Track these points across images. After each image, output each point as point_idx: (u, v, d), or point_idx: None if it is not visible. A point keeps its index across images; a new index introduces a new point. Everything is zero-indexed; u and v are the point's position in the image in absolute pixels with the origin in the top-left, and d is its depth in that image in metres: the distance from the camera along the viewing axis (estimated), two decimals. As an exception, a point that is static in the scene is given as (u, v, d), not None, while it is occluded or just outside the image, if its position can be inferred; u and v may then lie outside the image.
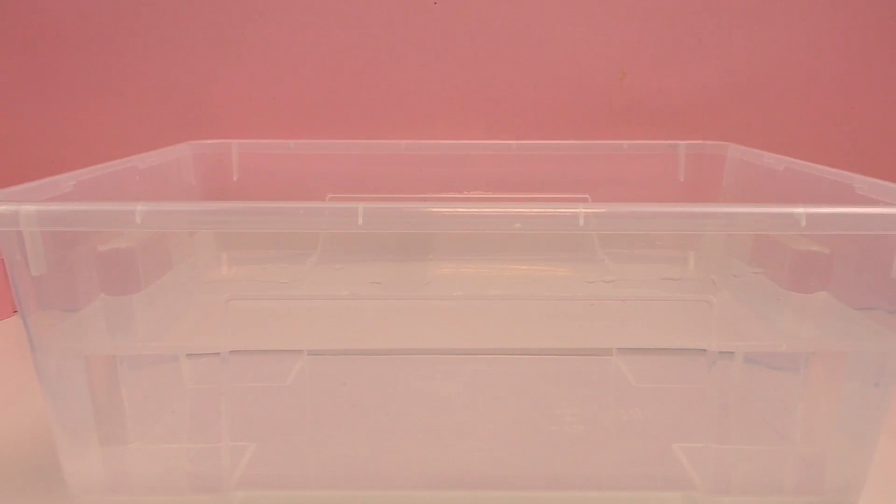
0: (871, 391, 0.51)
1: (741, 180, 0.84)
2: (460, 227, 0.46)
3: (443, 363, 0.66)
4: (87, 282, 0.53)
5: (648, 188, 0.87)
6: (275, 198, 0.50)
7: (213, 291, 0.72)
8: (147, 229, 0.47)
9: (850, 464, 0.53)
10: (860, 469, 0.53)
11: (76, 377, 0.53)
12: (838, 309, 0.54)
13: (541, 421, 0.62)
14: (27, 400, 0.69)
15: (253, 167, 0.91)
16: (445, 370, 0.66)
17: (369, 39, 0.93)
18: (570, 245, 0.82)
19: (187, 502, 0.54)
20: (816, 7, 0.92)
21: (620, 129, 0.94)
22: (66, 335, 0.53)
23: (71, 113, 0.95)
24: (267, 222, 0.49)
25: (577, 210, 0.44)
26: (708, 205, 0.48)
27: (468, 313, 0.59)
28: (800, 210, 0.45)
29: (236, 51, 0.93)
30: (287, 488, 0.55)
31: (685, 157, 0.89)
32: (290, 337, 0.60)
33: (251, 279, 0.71)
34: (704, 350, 0.52)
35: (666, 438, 0.59)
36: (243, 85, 0.94)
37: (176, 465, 0.57)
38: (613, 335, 0.56)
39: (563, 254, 0.82)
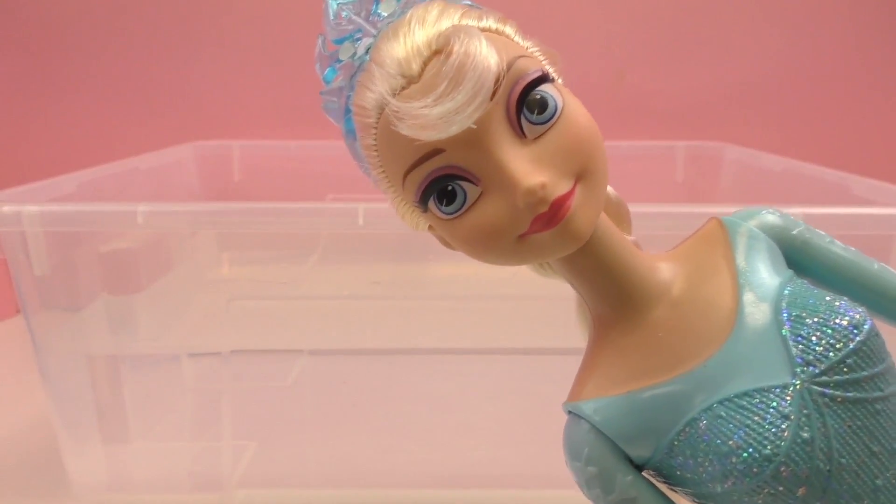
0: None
1: (739, 181, 0.85)
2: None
3: (443, 363, 0.66)
4: (90, 282, 0.53)
5: (647, 188, 0.87)
6: (275, 198, 0.50)
7: (214, 291, 0.72)
8: (149, 230, 0.48)
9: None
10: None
11: (79, 376, 0.53)
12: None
13: (541, 421, 0.62)
14: (30, 399, 0.69)
15: (254, 168, 0.91)
16: (445, 370, 0.66)
17: (369, 41, 0.93)
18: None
19: (189, 501, 0.55)
20: (814, 9, 0.92)
21: (619, 129, 0.94)
22: (69, 335, 0.53)
23: (73, 114, 0.95)
24: (268, 222, 0.49)
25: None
26: (706, 205, 0.48)
27: (468, 313, 0.59)
28: (797, 210, 0.46)
29: (237, 53, 0.93)
30: (288, 487, 0.55)
31: (683, 157, 0.90)
32: (291, 337, 0.61)
33: (252, 279, 0.71)
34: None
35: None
36: (244, 87, 0.94)
37: (178, 464, 0.57)
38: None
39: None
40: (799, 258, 0.27)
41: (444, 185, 0.23)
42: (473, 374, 0.66)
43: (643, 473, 0.25)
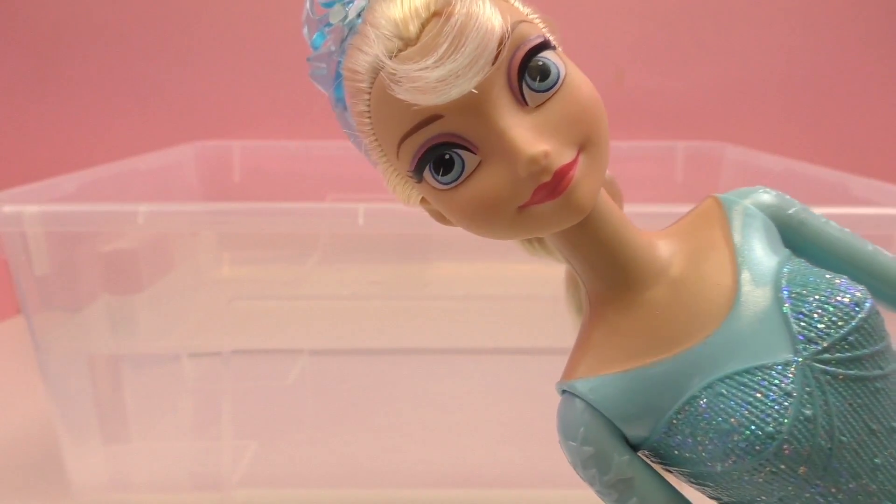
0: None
1: (739, 181, 0.85)
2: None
3: (443, 363, 0.66)
4: (90, 282, 0.53)
5: (647, 189, 0.87)
6: (276, 198, 0.50)
7: (214, 291, 0.72)
8: (149, 230, 0.48)
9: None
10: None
11: (79, 376, 0.53)
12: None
13: (541, 421, 0.62)
14: (30, 399, 0.69)
15: (254, 168, 0.91)
16: (445, 370, 0.66)
17: (369, 41, 0.93)
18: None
19: (189, 500, 0.55)
20: (814, 10, 0.92)
21: (618, 130, 0.94)
22: (70, 335, 0.53)
23: (74, 115, 0.95)
24: (268, 222, 0.49)
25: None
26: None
27: (468, 313, 0.59)
28: (796, 210, 0.46)
29: (237, 53, 0.93)
30: (288, 486, 0.56)
31: (683, 157, 0.90)
32: (291, 336, 0.61)
33: (252, 279, 0.72)
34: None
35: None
36: (244, 87, 0.94)
37: (178, 464, 0.57)
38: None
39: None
40: (795, 238, 0.27)
41: (441, 154, 0.22)
42: (473, 374, 0.66)
43: (638, 454, 0.25)
